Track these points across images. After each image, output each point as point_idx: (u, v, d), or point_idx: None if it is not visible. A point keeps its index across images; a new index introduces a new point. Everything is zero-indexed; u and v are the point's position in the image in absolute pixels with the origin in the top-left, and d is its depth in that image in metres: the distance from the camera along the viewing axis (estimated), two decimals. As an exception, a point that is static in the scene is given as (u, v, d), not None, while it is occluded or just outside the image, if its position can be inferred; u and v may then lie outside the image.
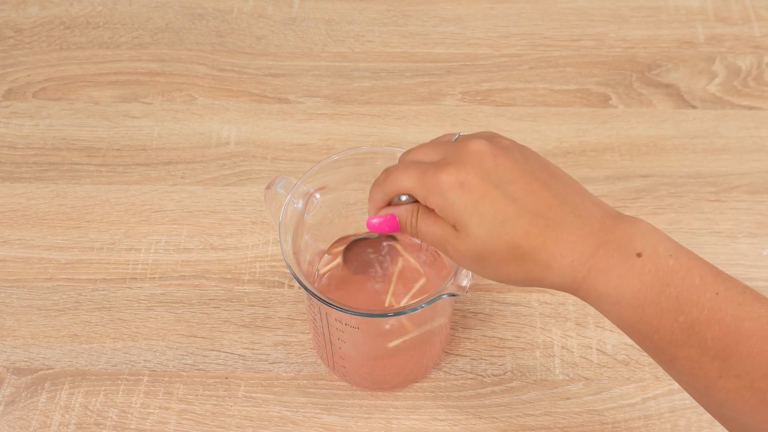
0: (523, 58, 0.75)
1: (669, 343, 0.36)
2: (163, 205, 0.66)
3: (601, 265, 0.37)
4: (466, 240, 0.39)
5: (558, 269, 0.38)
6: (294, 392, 0.56)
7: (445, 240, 0.40)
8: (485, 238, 0.38)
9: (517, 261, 0.38)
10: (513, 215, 0.38)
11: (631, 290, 0.37)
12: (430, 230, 0.41)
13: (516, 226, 0.38)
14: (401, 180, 0.41)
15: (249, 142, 0.69)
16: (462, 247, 0.39)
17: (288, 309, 0.60)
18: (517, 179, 0.39)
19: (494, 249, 0.38)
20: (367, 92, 0.73)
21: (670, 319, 0.36)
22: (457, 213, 0.39)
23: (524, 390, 0.56)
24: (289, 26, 0.77)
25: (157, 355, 0.58)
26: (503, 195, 0.38)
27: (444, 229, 0.40)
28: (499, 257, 0.39)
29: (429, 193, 0.40)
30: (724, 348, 0.35)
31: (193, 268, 0.62)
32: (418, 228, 0.42)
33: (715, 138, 0.69)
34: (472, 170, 0.39)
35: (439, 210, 0.40)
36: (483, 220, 0.38)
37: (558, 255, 0.38)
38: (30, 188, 0.67)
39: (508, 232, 0.38)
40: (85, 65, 0.75)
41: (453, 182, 0.39)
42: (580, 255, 0.37)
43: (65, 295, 0.61)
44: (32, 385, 0.57)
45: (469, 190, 0.38)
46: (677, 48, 0.75)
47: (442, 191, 0.39)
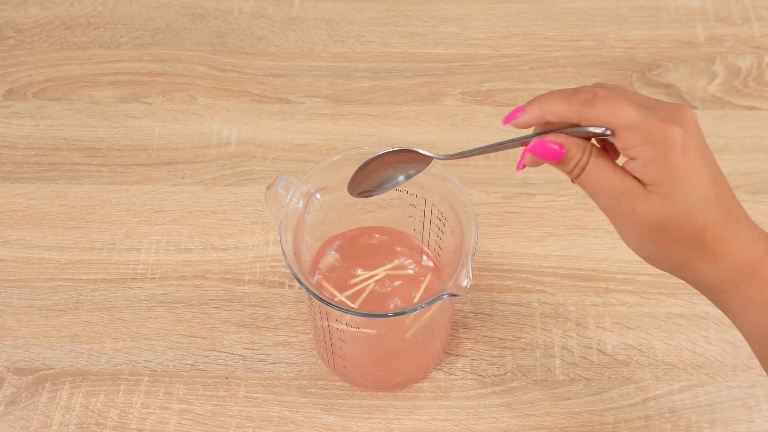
0: (523, 58, 0.75)
1: None
2: (163, 205, 0.66)
3: (764, 271, 0.37)
4: (659, 206, 0.37)
5: (723, 264, 0.37)
6: (294, 392, 0.56)
7: (626, 194, 0.37)
8: (682, 212, 0.36)
9: (694, 244, 0.37)
10: (713, 199, 0.37)
11: None
12: (607, 178, 0.38)
13: (712, 210, 0.37)
14: (625, 110, 0.36)
15: (249, 142, 0.69)
16: (647, 209, 0.37)
17: (288, 309, 0.60)
18: (714, 162, 0.38)
19: (683, 225, 0.37)
20: (367, 92, 0.72)
21: None
22: (669, 175, 0.36)
23: (524, 390, 0.56)
24: (290, 26, 0.77)
25: (157, 355, 0.58)
26: (710, 175, 0.37)
27: (628, 183, 0.37)
28: (680, 234, 0.37)
29: (647, 141, 0.36)
30: None
31: (194, 269, 0.62)
32: (587, 169, 0.38)
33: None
34: (693, 138, 0.37)
35: (648, 164, 0.36)
36: (690, 193, 0.36)
37: (730, 250, 0.37)
38: (30, 188, 0.67)
39: (705, 214, 0.37)
40: (85, 65, 0.75)
41: (679, 142, 0.36)
42: (749, 257, 0.37)
43: (66, 295, 0.61)
44: (33, 385, 0.57)
45: (689, 157, 0.36)
46: (677, 48, 0.75)
47: (666, 146, 0.36)
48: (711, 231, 0.37)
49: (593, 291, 0.60)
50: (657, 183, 0.36)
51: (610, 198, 0.38)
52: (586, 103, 0.37)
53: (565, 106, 0.37)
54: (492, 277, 0.61)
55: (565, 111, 0.37)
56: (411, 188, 0.52)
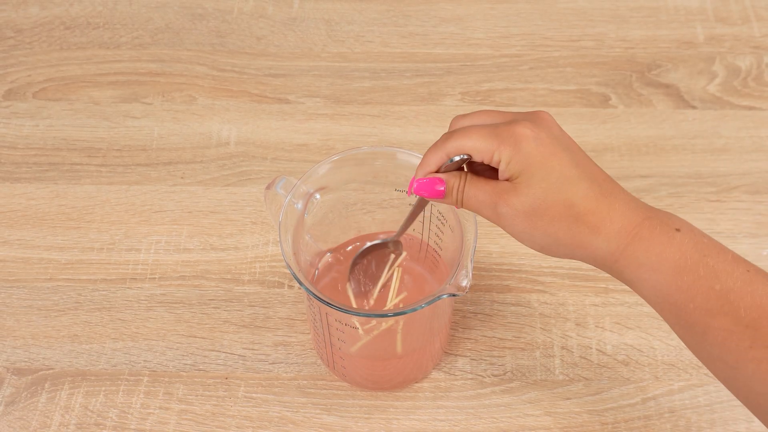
0: (522, 58, 0.75)
1: (704, 312, 0.38)
2: (163, 206, 0.66)
3: (644, 234, 0.39)
4: (525, 192, 0.40)
5: (605, 234, 0.40)
6: (294, 392, 0.56)
7: (498, 194, 0.41)
8: (545, 192, 0.40)
9: (570, 220, 0.40)
10: (576, 176, 0.40)
11: (671, 257, 0.39)
12: (480, 192, 0.42)
13: (577, 187, 0.40)
14: (468, 139, 0.42)
15: (249, 142, 0.70)
16: (518, 201, 0.41)
17: (288, 309, 0.60)
18: (578, 150, 0.42)
19: (552, 204, 0.40)
20: (367, 92, 0.73)
21: (706, 287, 0.38)
22: (527, 163, 0.40)
23: (524, 390, 0.56)
24: (289, 26, 0.78)
25: (157, 355, 0.58)
26: (570, 157, 0.41)
27: (498, 186, 0.42)
28: (553, 213, 0.40)
29: (501, 143, 0.41)
30: (756, 318, 0.37)
31: (193, 269, 0.62)
32: (465, 191, 0.43)
33: (715, 138, 0.69)
34: (545, 130, 0.41)
35: (508, 159, 0.41)
36: (549, 174, 0.40)
37: (608, 220, 0.40)
38: (30, 188, 0.67)
39: (569, 190, 0.40)
40: (85, 65, 0.75)
41: (529, 134, 0.40)
42: (628, 223, 0.40)
43: (65, 296, 0.61)
44: (32, 386, 0.57)
45: (542, 144, 0.40)
46: (677, 48, 0.75)
47: (517, 141, 0.40)
48: (582, 205, 0.40)
49: (593, 291, 0.60)
50: (519, 173, 0.40)
51: (488, 204, 0.42)
52: (444, 142, 0.42)
53: (435, 155, 0.43)
54: (491, 277, 0.61)
55: (437, 158, 0.43)
56: None
